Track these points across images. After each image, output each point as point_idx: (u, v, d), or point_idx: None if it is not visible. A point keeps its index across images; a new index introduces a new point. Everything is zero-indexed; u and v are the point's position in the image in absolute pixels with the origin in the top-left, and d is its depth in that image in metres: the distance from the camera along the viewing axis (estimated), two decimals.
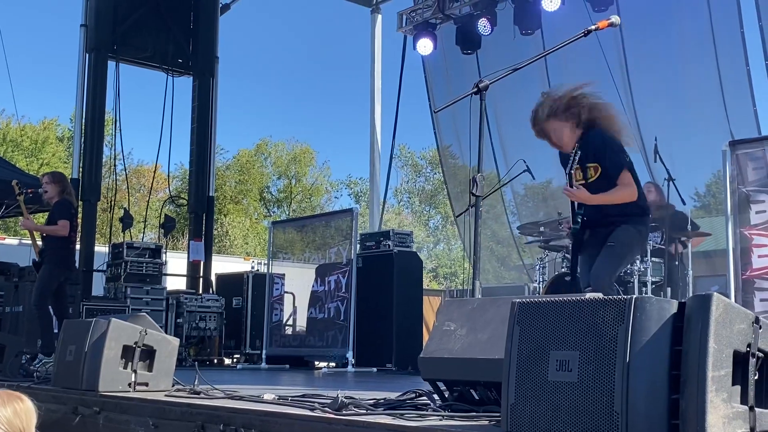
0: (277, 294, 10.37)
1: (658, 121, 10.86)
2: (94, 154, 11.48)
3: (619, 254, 4.56)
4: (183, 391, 4.36)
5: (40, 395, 4.86)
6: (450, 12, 11.99)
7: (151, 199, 18.91)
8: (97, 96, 11.56)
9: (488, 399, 3.12)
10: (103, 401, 4.27)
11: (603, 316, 2.29)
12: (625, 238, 4.54)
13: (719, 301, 2.16)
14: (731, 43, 10.32)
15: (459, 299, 3.89)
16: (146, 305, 10.22)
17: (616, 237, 4.54)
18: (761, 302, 5.98)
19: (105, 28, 11.75)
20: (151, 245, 11.24)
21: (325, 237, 9.91)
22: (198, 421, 3.58)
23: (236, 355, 11.42)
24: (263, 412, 3.32)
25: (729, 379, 2.16)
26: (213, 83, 13.03)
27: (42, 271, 7.64)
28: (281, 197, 43.36)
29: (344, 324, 9.03)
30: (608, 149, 4.53)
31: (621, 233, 4.54)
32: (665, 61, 11.16)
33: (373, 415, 3.02)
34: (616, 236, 4.54)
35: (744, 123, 10.03)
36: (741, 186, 6.30)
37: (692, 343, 2.15)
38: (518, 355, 2.47)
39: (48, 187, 7.86)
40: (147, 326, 4.61)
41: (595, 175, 4.54)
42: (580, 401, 2.27)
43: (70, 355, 4.70)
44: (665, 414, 2.17)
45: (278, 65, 59.62)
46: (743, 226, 6.21)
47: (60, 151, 36.86)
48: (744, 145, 6.41)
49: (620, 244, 4.54)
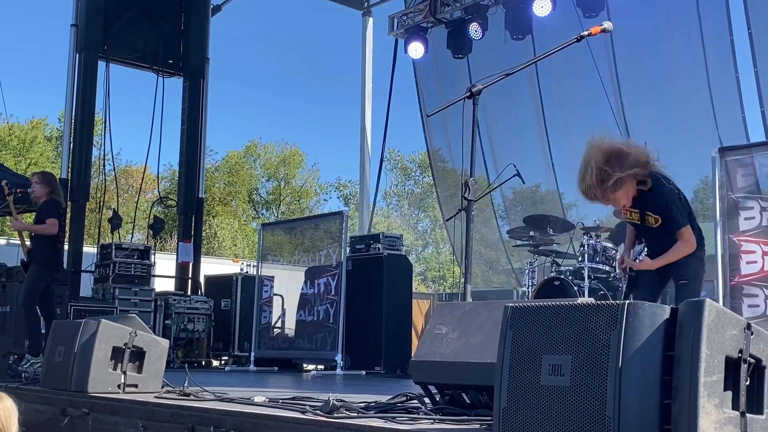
0: (266, 296, 10.35)
1: (648, 126, 10.92)
2: (83, 154, 11.43)
3: (694, 290, 4.59)
4: (173, 393, 4.34)
5: (28, 396, 4.85)
6: (441, 16, 12.01)
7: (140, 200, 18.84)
8: (86, 96, 11.51)
9: (479, 403, 3.12)
10: (93, 402, 4.25)
11: (596, 321, 2.30)
12: (691, 271, 4.62)
13: (712, 307, 2.17)
14: (721, 50, 10.38)
15: (451, 303, 3.89)
16: (134, 306, 10.19)
17: (684, 274, 4.62)
18: (749, 308, 6.01)
19: (95, 28, 11.70)
20: (140, 246, 11.20)
21: (314, 239, 9.90)
22: (188, 423, 3.57)
23: (224, 357, 11.39)
24: (254, 414, 3.32)
25: (721, 385, 2.17)
26: (203, 84, 13.00)
27: (30, 272, 7.60)
28: (270, 199, 43.31)
29: (333, 327, 9.02)
30: (673, 207, 4.55)
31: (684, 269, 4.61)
32: (655, 67, 11.22)
33: (365, 418, 3.02)
34: (684, 273, 4.62)
35: (733, 130, 10.09)
36: (730, 192, 6.34)
37: (685, 348, 2.16)
38: (511, 359, 2.48)
39: (37, 186, 7.83)
40: (137, 328, 4.60)
41: (655, 224, 4.60)
42: (573, 406, 2.27)
43: (59, 356, 4.68)
44: (657, 419, 2.18)
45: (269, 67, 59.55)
46: (732, 233, 6.24)
47: (48, 151, 36.71)
48: (733, 151, 6.45)
49: (691, 279, 4.61)
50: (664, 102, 11.13)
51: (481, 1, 11.40)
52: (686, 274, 4.61)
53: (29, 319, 7.57)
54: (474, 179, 3.96)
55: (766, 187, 6.25)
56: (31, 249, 7.73)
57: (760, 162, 6.31)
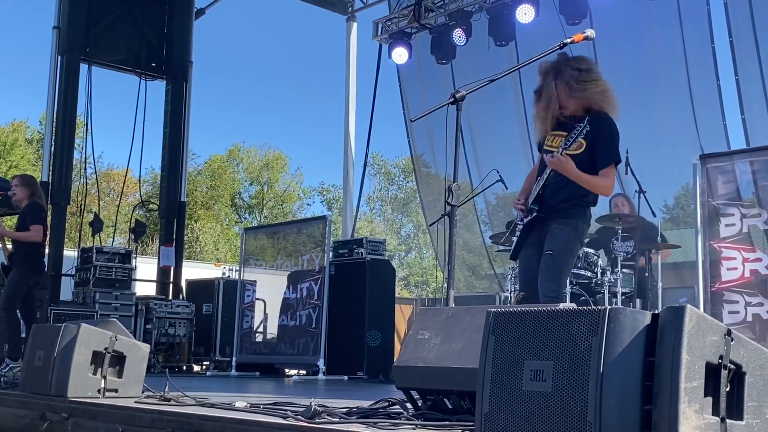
0: (248, 301, 10.32)
1: (629, 133, 10.92)
2: (64, 157, 11.37)
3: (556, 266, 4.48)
4: (153, 398, 4.32)
5: (7, 400, 4.80)
6: (425, 22, 12.04)
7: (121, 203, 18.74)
8: (68, 99, 11.45)
9: (462, 408, 3.12)
10: (72, 407, 4.21)
11: (577, 326, 2.30)
12: (562, 243, 4.49)
13: (692, 313, 2.18)
14: (702, 57, 10.47)
15: (434, 308, 3.89)
16: (115, 311, 10.13)
17: (554, 245, 4.50)
18: (730, 314, 6.05)
19: (78, 30, 11.65)
20: (121, 250, 11.14)
21: (297, 244, 9.89)
22: (168, 428, 3.54)
23: (206, 361, 11.34)
24: (235, 420, 3.30)
25: (701, 391, 2.18)
26: (186, 88, 12.96)
27: (12, 275, 7.56)
28: (253, 203, 43.23)
29: (316, 331, 9.01)
30: (614, 139, 4.54)
31: (557, 240, 4.49)
32: (637, 74, 11.28)
33: (347, 423, 3.01)
34: (554, 244, 4.50)
35: (714, 137, 10.17)
36: (710, 199, 6.38)
37: (665, 354, 2.17)
38: (493, 364, 2.48)
39: (17, 189, 7.78)
40: (117, 332, 4.57)
41: (577, 151, 4.46)
42: (554, 411, 2.28)
43: (39, 360, 4.64)
44: (638, 424, 2.19)
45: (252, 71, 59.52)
46: (713, 239, 6.28)
47: (29, 154, 36.46)
48: (714, 158, 6.49)
49: (559, 251, 4.48)
50: (645, 109, 11.19)
51: (465, 8, 11.44)
52: (557, 245, 4.48)
53: (9, 322, 7.52)
54: (457, 184, 3.97)
55: (746, 194, 6.30)
56: (13, 252, 7.68)
57: (740, 169, 6.36)
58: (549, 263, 4.47)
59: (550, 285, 4.44)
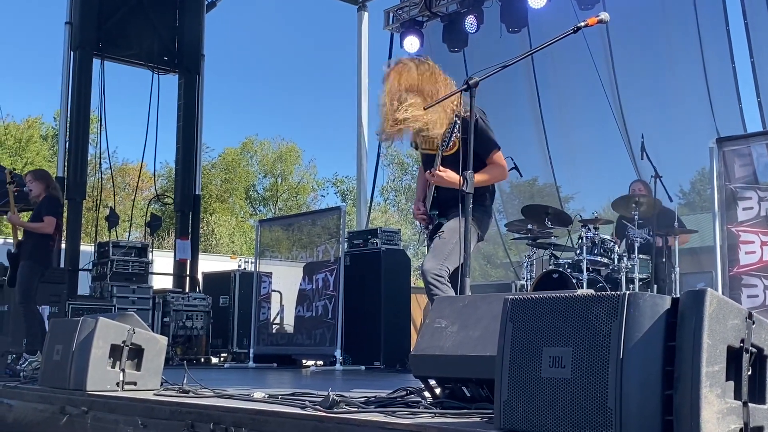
0: (265, 292, 10.34)
1: (644, 118, 10.90)
2: (79, 152, 11.41)
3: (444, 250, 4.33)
4: (172, 390, 4.33)
5: (27, 395, 4.84)
6: (437, 9, 11.99)
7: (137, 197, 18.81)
8: (82, 94, 11.49)
9: (480, 396, 3.11)
10: (91, 401, 4.23)
11: (596, 312, 2.28)
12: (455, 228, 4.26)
13: (713, 297, 2.15)
14: (717, 40, 10.36)
15: (450, 296, 3.88)
16: (132, 304, 10.18)
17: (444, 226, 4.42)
18: (749, 298, 6.01)
19: (90, 25, 11.67)
20: (137, 244, 11.18)
21: (312, 235, 9.89)
22: (188, 420, 3.55)
23: (223, 353, 11.38)
24: (254, 410, 3.30)
25: (723, 375, 2.16)
26: (199, 81, 12.97)
27: (21, 268, 7.58)
28: (267, 196, 43.32)
29: (332, 322, 9.01)
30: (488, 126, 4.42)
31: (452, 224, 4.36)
32: (651, 58, 11.20)
33: (365, 412, 3.01)
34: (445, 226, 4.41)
35: (730, 120, 10.07)
36: (728, 183, 6.33)
37: (686, 338, 2.14)
38: (511, 351, 2.47)
39: (32, 185, 7.81)
40: (135, 325, 4.58)
41: (452, 150, 4.31)
42: (574, 397, 2.26)
43: (57, 354, 4.66)
44: (659, 409, 2.17)
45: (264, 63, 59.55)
46: (730, 223, 6.23)
47: (44, 150, 36.69)
48: (731, 142, 6.44)
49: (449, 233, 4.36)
50: (660, 93, 11.11)
51: None
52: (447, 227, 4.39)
53: (27, 316, 7.56)
54: (471, 172, 3.94)
55: (763, 177, 6.25)
56: (22, 242, 7.69)
57: (757, 152, 6.30)
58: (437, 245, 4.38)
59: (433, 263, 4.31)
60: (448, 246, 4.30)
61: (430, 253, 4.37)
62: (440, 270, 4.26)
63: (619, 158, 11.22)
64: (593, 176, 12.13)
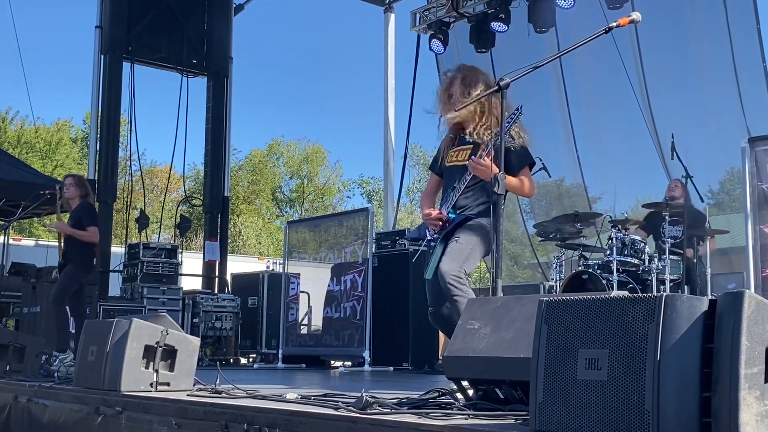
0: (293, 293, 10.38)
1: (674, 118, 10.82)
2: (109, 155, 11.54)
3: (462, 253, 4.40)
4: (205, 391, 4.36)
5: (62, 395, 4.90)
6: (463, 10, 11.97)
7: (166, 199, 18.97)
8: (112, 97, 11.62)
9: (513, 398, 3.11)
10: (125, 401, 4.28)
11: (633, 314, 2.27)
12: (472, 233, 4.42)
13: (751, 299, 2.14)
14: (747, 39, 10.26)
15: (482, 298, 3.88)
16: (162, 305, 10.27)
17: (460, 232, 4.46)
18: None
19: (120, 29, 11.80)
20: (167, 245, 11.28)
21: (339, 236, 9.92)
22: (221, 420, 3.58)
23: (252, 354, 11.45)
24: (287, 411, 3.32)
25: (761, 377, 2.14)
26: (227, 84, 13.07)
27: (66, 271, 7.82)
28: (293, 197, 43.46)
29: (360, 323, 9.03)
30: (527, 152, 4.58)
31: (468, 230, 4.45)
32: (681, 57, 11.11)
33: (399, 414, 3.01)
34: (461, 231, 4.45)
35: (761, 119, 9.96)
36: (760, 183, 6.27)
37: (724, 340, 2.13)
38: (546, 353, 2.46)
39: (71, 188, 8.06)
40: (168, 326, 4.62)
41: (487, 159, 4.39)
42: (610, 399, 2.25)
43: (92, 355, 4.72)
44: (697, 412, 2.16)
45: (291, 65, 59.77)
46: (763, 223, 6.18)
47: (74, 153, 37.08)
48: (763, 141, 6.38)
49: (461, 237, 4.43)
50: (690, 93, 11.02)
51: None
52: (462, 233, 4.44)
53: (57, 316, 7.78)
54: (503, 173, 3.93)
55: None
56: (67, 250, 7.90)
57: None
58: (455, 248, 4.43)
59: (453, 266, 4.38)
60: (466, 250, 4.42)
61: (447, 256, 4.41)
62: (459, 272, 4.36)
63: (648, 158, 11.15)
64: (622, 176, 12.06)
